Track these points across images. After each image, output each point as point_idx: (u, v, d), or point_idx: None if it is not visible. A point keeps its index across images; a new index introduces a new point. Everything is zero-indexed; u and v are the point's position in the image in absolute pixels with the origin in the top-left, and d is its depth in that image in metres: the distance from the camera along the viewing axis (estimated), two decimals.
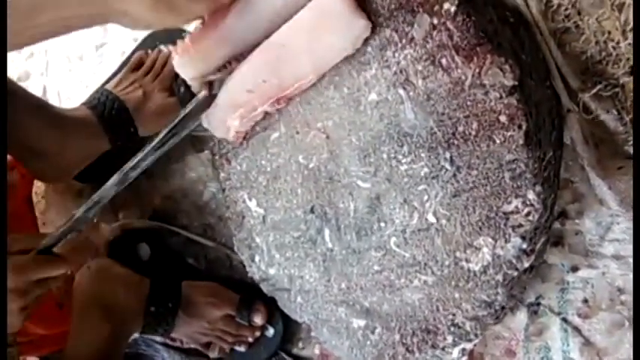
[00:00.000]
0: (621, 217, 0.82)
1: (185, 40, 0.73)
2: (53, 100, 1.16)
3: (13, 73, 1.17)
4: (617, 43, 0.80)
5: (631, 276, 0.82)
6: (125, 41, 1.09)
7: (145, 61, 1.07)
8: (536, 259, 0.80)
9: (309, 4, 0.69)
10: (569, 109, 0.81)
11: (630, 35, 0.80)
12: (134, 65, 1.07)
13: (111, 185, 0.78)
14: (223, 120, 0.77)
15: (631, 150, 0.82)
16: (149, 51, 1.07)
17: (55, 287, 1.03)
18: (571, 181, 0.84)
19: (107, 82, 1.08)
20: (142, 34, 1.07)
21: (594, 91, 0.79)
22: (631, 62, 0.81)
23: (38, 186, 1.11)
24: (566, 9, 0.82)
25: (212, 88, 0.76)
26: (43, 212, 1.18)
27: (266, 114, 0.78)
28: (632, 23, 0.80)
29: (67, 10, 0.67)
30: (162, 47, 1.07)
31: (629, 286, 0.82)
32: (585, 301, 0.86)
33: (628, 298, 0.83)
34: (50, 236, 0.79)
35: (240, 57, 0.74)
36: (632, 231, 0.82)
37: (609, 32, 0.80)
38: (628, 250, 0.82)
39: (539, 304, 0.88)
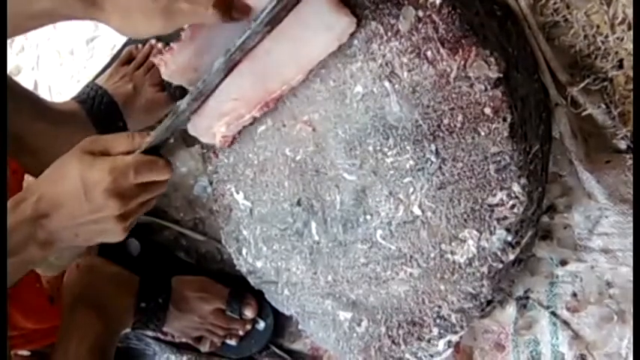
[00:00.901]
0: (609, 210, 0.82)
1: (165, 54, 0.72)
2: (44, 95, 1.16)
3: None
4: (606, 37, 0.80)
5: (620, 269, 0.82)
6: (116, 35, 1.09)
7: (135, 56, 1.07)
8: (525, 253, 0.80)
9: (292, 12, 0.69)
10: (558, 102, 0.81)
11: (618, 29, 0.80)
12: (125, 59, 1.07)
13: (216, 70, 0.70)
14: (209, 127, 0.76)
15: (619, 144, 0.82)
16: (139, 45, 1.07)
17: (45, 282, 1.04)
18: (559, 175, 0.84)
19: (98, 76, 1.08)
20: None
21: (583, 85, 0.79)
22: (619, 56, 0.81)
23: (29, 179, 1.11)
24: (555, 3, 0.82)
25: None
26: None
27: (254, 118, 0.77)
28: (620, 17, 0.80)
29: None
30: (152, 41, 1.06)
31: (618, 279, 0.82)
32: (574, 294, 0.86)
33: (617, 291, 0.83)
34: (154, 134, 0.70)
35: None
36: (620, 225, 0.82)
37: (598, 26, 0.81)
38: (616, 243, 0.82)
39: (528, 297, 0.89)
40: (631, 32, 0.79)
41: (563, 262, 0.86)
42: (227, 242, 0.84)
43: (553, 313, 0.86)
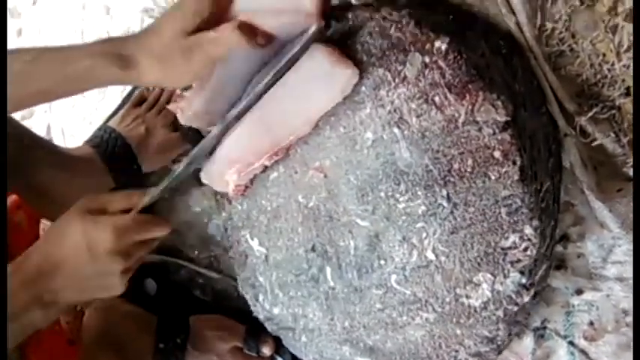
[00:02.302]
0: (622, 239, 0.82)
1: (180, 102, 0.74)
2: (57, 137, 1.18)
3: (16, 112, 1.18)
4: (612, 65, 0.81)
5: None
6: None
7: (146, 97, 1.08)
8: (540, 284, 0.80)
9: (294, 66, 0.71)
10: (567, 133, 0.81)
11: (624, 57, 0.80)
12: (136, 101, 1.09)
13: (213, 136, 0.74)
14: (221, 175, 0.78)
15: (630, 172, 0.82)
16: (150, 87, 1.08)
17: (65, 323, 1.04)
18: (572, 204, 0.84)
19: (110, 118, 1.09)
20: None
21: (591, 114, 0.80)
22: (626, 84, 0.81)
23: (45, 222, 1.12)
24: (560, 32, 0.82)
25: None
26: None
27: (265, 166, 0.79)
28: (625, 44, 0.80)
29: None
30: None
31: None
32: (591, 323, 0.86)
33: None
34: (151, 194, 0.73)
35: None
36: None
37: (604, 54, 0.81)
38: (631, 271, 0.82)
39: (545, 327, 0.89)
40: None
41: (579, 291, 0.86)
42: (244, 288, 0.84)
43: (571, 343, 0.86)
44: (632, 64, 0.80)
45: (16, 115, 1.18)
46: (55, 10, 1.13)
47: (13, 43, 1.18)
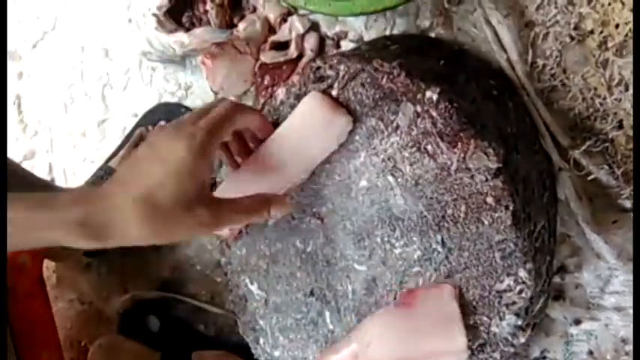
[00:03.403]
0: (619, 270, 0.83)
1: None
2: (59, 177, 1.19)
3: (18, 152, 1.20)
4: (604, 98, 0.82)
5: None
6: (126, 117, 1.12)
7: (146, 137, 1.10)
8: (538, 317, 0.81)
9: (290, 115, 0.72)
10: (561, 167, 0.82)
11: (616, 90, 0.81)
12: (136, 142, 1.10)
13: None
14: None
15: (624, 203, 0.83)
16: (150, 127, 1.10)
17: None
18: (568, 236, 0.85)
19: (110, 158, 1.10)
20: (141, 110, 1.09)
21: (584, 147, 0.80)
22: (619, 117, 0.82)
23: (48, 261, 1.14)
24: (551, 68, 0.83)
25: None
26: (54, 286, 1.20)
27: None
28: (617, 78, 0.81)
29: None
30: (162, 123, 1.09)
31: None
32: (590, 353, 0.87)
33: (632, 348, 0.83)
34: None
35: None
36: (631, 283, 0.83)
37: (595, 88, 0.82)
38: (628, 301, 0.83)
39: (544, 357, 0.89)
40: (628, 93, 0.80)
41: (577, 321, 0.87)
42: (244, 332, 0.85)
43: None
44: (623, 98, 0.81)
45: (18, 156, 1.20)
46: (55, 52, 1.15)
47: (14, 86, 1.20)
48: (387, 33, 0.90)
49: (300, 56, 0.96)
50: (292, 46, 0.96)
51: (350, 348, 0.70)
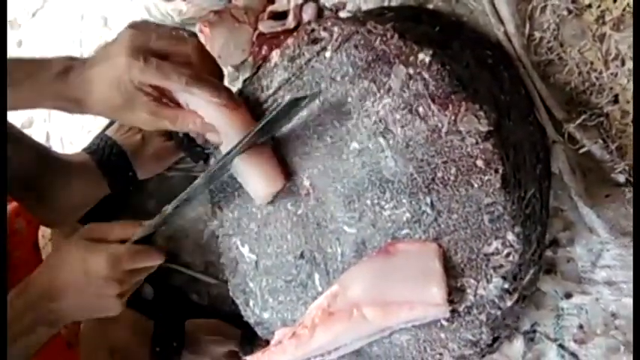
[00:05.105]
0: (611, 244, 0.83)
1: None
2: (56, 145, 1.19)
3: (16, 120, 1.20)
4: (600, 73, 0.81)
5: (624, 301, 0.83)
6: None
7: None
8: (529, 289, 0.81)
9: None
10: (555, 140, 0.82)
11: (612, 65, 0.81)
12: None
13: (198, 185, 0.79)
14: None
15: (618, 178, 0.83)
16: None
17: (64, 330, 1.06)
18: (561, 210, 0.85)
19: (108, 127, 1.11)
20: None
21: (579, 121, 0.80)
22: (614, 91, 0.82)
23: (44, 230, 1.14)
24: (548, 42, 0.83)
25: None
26: None
27: None
28: (613, 53, 0.81)
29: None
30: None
31: (623, 311, 0.83)
32: (580, 326, 0.87)
33: (622, 322, 0.83)
34: (145, 227, 0.80)
35: None
36: (622, 257, 0.83)
37: (592, 62, 0.81)
38: (619, 275, 0.83)
39: (535, 331, 0.89)
40: (624, 67, 0.80)
41: (568, 295, 0.87)
42: (235, 294, 0.86)
43: (561, 346, 0.87)
44: (619, 73, 0.81)
45: (16, 124, 1.20)
46: (54, 21, 1.15)
47: (13, 53, 1.20)
48: (386, 4, 0.90)
49: (298, 26, 0.97)
50: (290, 16, 0.96)
51: (331, 290, 0.72)
